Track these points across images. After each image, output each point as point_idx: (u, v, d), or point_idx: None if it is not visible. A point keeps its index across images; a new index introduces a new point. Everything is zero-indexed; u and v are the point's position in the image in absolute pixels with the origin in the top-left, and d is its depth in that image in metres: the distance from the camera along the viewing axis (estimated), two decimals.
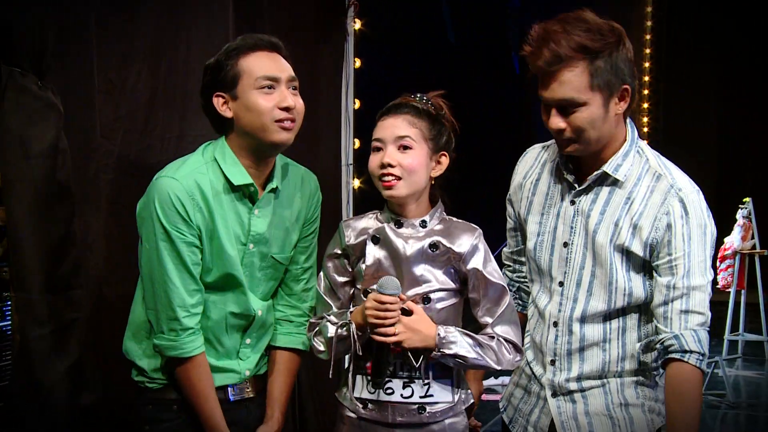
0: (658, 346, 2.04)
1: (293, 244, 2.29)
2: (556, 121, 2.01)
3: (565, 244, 2.12)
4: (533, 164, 2.25)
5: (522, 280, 2.36)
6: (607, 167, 2.07)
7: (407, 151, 2.04)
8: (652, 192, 2.05)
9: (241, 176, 2.14)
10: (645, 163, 2.08)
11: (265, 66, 2.12)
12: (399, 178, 2.03)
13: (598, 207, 2.08)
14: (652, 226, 2.03)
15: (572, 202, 2.12)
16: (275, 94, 2.11)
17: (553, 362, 2.15)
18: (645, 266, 2.07)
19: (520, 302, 2.37)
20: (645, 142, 2.14)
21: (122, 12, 2.60)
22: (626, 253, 2.06)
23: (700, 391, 2.02)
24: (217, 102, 2.14)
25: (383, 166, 2.04)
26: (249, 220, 2.18)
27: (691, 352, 1.99)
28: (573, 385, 2.13)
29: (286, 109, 2.11)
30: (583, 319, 2.10)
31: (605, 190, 2.09)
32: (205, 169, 2.13)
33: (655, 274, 2.05)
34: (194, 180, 2.10)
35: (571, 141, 2.03)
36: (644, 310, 2.11)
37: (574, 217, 2.11)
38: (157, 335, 2.13)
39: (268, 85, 2.11)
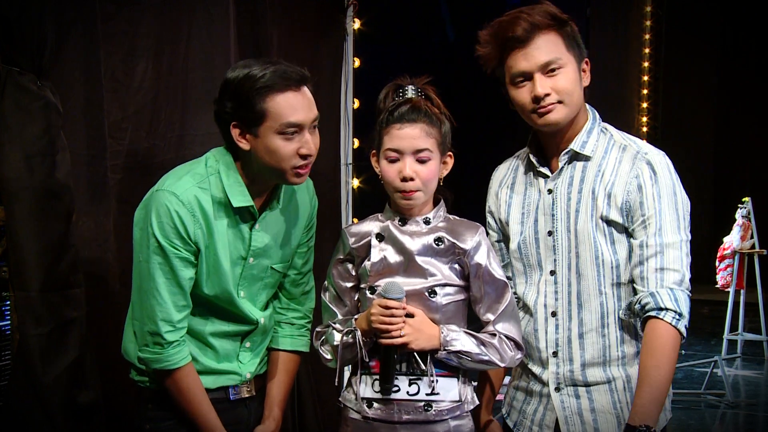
0: (636, 306, 2.05)
1: (293, 252, 2.28)
2: (544, 85, 2.06)
3: (550, 233, 2.15)
4: (506, 173, 2.30)
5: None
6: (574, 145, 2.13)
7: (425, 163, 2.05)
8: (621, 162, 2.11)
9: (242, 198, 2.11)
10: (610, 138, 2.16)
11: (292, 111, 2.04)
12: (418, 190, 2.05)
13: (575, 186, 2.13)
14: (625, 191, 2.08)
15: (549, 191, 2.16)
16: (297, 139, 2.06)
17: (555, 354, 2.15)
18: (627, 234, 2.11)
19: None
20: (609, 125, 2.21)
21: (124, 9, 2.60)
22: (607, 222, 2.09)
23: (675, 350, 2.01)
24: (235, 132, 2.07)
25: (404, 179, 2.04)
26: (250, 235, 2.16)
27: (667, 309, 2.00)
28: (578, 375, 2.13)
29: (306, 156, 2.08)
30: (580, 304, 2.12)
31: (578, 169, 2.14)
32: (207, 183, 2.09)
33: (631, 239, 2.09)
34: (195, 195, 2.06)
35: (556, 104, 2.07)
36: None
37: (553, 204, 2.15)
38: (141, 348, 2.10)
39: (292, 131, 2.06)
